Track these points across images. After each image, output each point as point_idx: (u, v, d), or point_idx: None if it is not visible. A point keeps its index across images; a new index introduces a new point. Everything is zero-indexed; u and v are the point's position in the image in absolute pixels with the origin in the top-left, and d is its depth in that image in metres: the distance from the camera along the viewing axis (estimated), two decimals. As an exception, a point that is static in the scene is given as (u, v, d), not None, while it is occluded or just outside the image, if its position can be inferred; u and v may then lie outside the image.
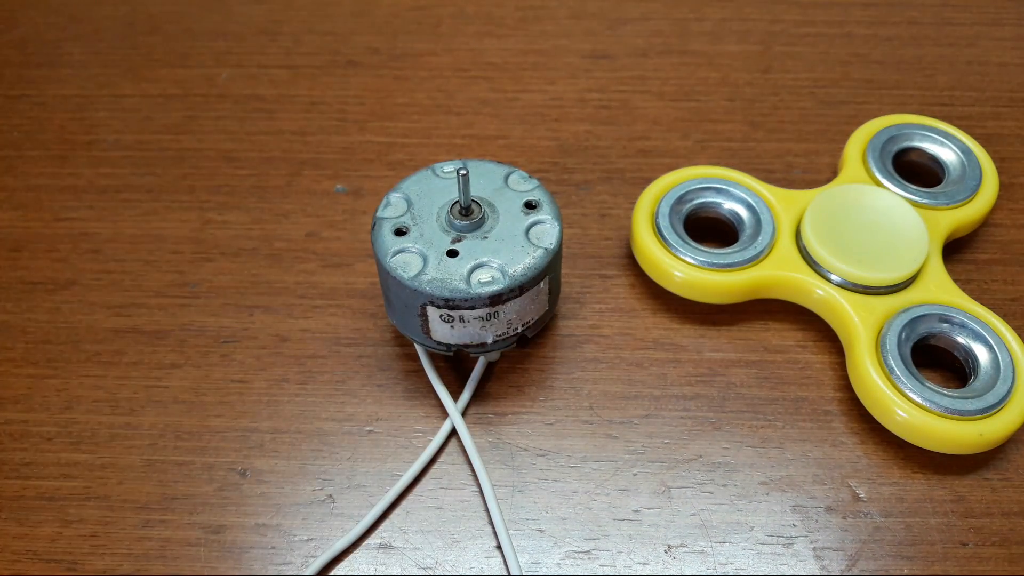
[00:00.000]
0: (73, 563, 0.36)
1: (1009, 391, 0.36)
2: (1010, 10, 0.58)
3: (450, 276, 0.35)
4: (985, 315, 0.39)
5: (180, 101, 0.52)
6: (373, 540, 0.36)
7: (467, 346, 0.37)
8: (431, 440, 0.38)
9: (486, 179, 0.38)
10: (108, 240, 0.46)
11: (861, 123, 0.47)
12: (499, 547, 0.36)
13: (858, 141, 0.46)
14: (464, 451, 0.38)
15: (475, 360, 0.40)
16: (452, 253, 0.36)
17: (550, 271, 0.37)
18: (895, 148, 0.46)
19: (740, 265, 0.40)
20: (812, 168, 0.48)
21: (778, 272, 0.41)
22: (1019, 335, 0.39)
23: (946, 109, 0.51)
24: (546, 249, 0.36)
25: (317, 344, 0.42)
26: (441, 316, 0.36)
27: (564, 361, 0.41)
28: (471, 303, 0.35)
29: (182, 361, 0.41)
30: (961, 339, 0.39)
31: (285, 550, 0.36)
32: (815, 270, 0.41)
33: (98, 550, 0.36)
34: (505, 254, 0.36)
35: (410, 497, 0.37)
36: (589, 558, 0.35)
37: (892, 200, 0.42)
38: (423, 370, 0.40)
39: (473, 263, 0.35)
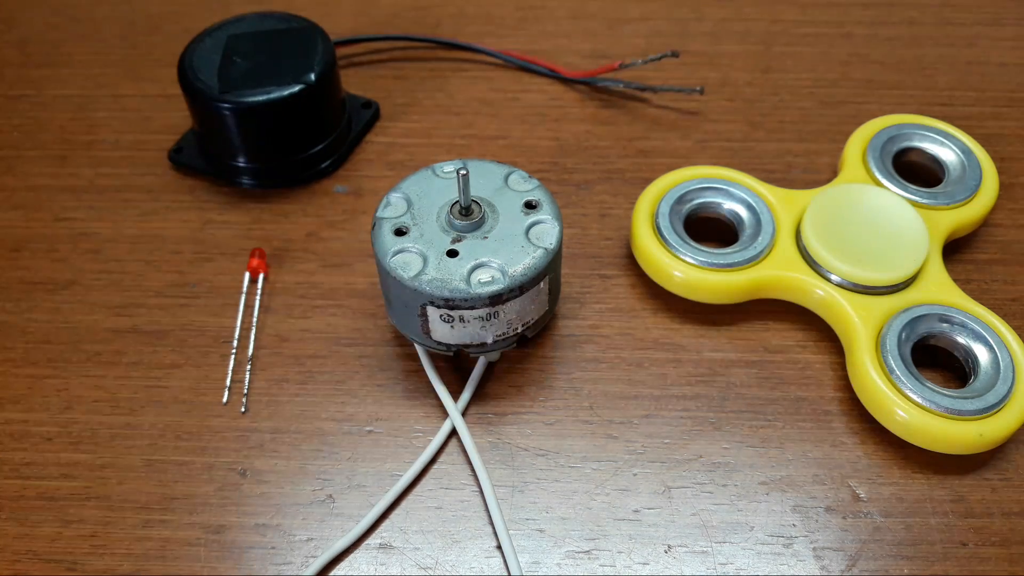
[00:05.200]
0: (73, 563, 0.36)
1: (1009, 391, 0.36)
2: (1010, 10, 0.58)
3: (450, 276, 0.35)
4: (985, 315, 0.39)
5: (180, 101, 0.52)
6: (373, 540, 0.36)
7: (467, 346, 0.37)
8: (431, 440, 0.38)
9: (486, 179, 0.38)
10: (108, 240, 0.46)
11: (861, 123, 0.47)
12: (499, 547, 0.36)
13: (858, 141, 0.46)
14: (464, 451, 0.38)
15: (475, 360, 0.40)
16: (452, 253, 0.36)
17: (550, 271, 0.37)
18: (895, 148, 0.46)
19: (740, 265, 0.40)
20: (812, 168, 0.48)
21: (778, 272, 0.41)
22: (1019, 335, 0.39)
23: (946, 109, 0.51)
24: (546, 249, 0.36)
25: (317, 344, 0.42)
26: (441, 316, 0.36)
27: (564, 361, 0.41)
28: (471, 303, 0.35)
29: (182, 361, 0.41)
30: (961, 339, 0.39)
31: (285, 550, 0.36)
32: (815, 270, 0.41)
33: (98, 550, 0.36)
34: (505, 254, 0.36)
35: (410, 497, 0.37)
36: (589, 558, 0.35)
37: (892, 200, 0.42)
38: (423, 370, 0.40)
39: (473, 263, 0.35)
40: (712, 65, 0.54)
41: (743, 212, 0.43)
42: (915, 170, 0.47)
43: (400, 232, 0.37)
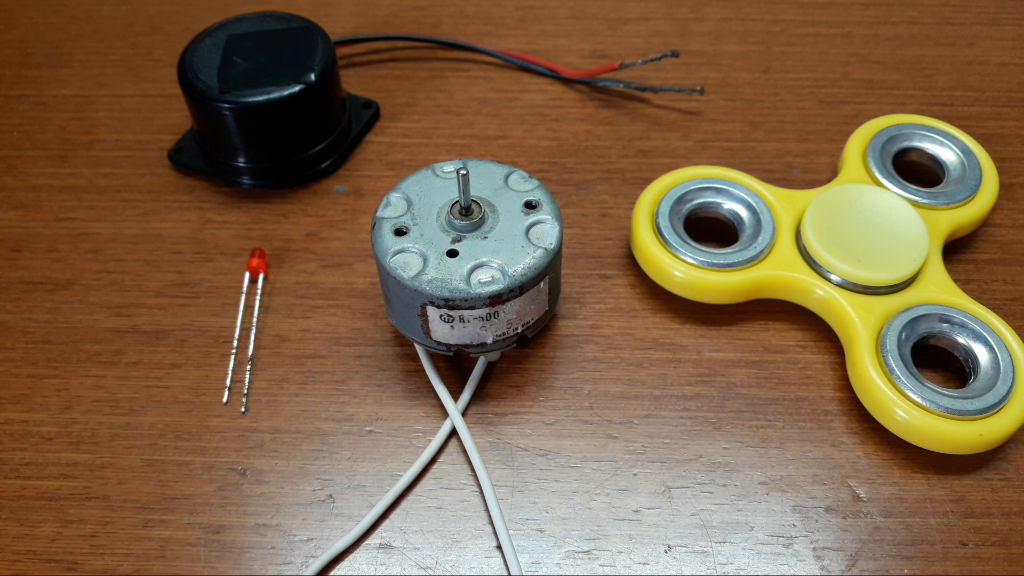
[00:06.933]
0: (73, 563, 0.36)
1: (1009, 391, 0.36)
2: (1010, 10, 0.58)
3: (450, 276, 0.35)
4: (985, 315, 0.39)
5: (180, 101, 0.52)
6: (373, 540, 0.36)
7: (467, 346, 0.37)
8: (431, 440, 0.38)
9: (486, 179, 0.38)
10: (108, 240, 0.46)
11: (861, 123, 0.47)
12: (499, 547, 0.36)
13: (858, 141, 0.46)
14: (464, 451, 0.38)
15: (475, 360, 0.40)
16: (452, 253, 0.36)
17: (550, 271, 0.37)
18: (895, 148, 0.46)
19: (740, 265, 0.40)
20: (812, 168, 0.48)
21: (778, 272, 0.41)
22: (1019, 335, 0.39)
23: (946, 109, 0.51)
24: (546, 249, 0.36)
25: (317, 344, 0.42)
26: (441, 316, 0.36)
27: (564, 361, 0.41)
28: (471, 303, 0.35)
29: (182, 361, 0.41)
30: (961, 339, 0.39)
31: (285, 550, 0.36)
32: (815, 270, 0.41)
33: (98, 550, 0.36)
34: (505, 254, 0.36)
35: (410, 497, 0.37)
36: (589, 558, 0.35)
37: (892, 200, 0.42)
38: (423, 370, 0.40)
39: (473, 263, 0.35)
40: (712, 65, 0.54)
41: (743, 212, 0.43)
42: (915, 170, 0.47)
43: (400, 232, 0.37)
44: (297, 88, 0.44)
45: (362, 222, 0.46)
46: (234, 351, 0.41)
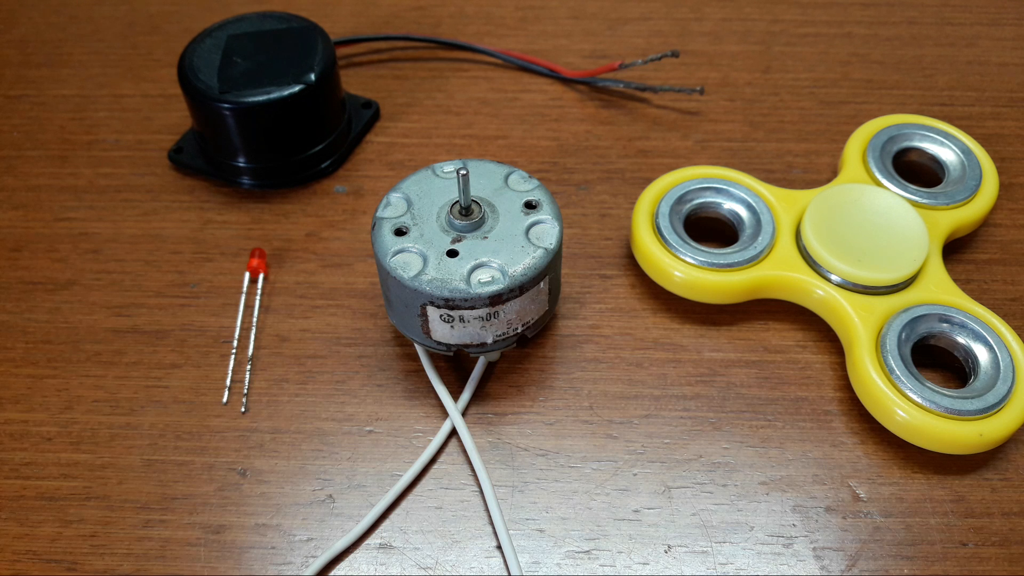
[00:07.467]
0: (73, 563, 0.36)
1: (1009, 391, 0.36)
2: (1010, 10, 0.58)
3: (450, 276, 0.35)
4: (985, 315, 0.39)
5: (180, 101, 0.52)
6: (373, 540, 0.36)
7: (467, 346, 0.37)
8: (431, 440, 0.38)
9: (486, 179, 0.38)
10: (108, 240, 0.46)
11: (861, 123, 0.47)
12: (499, 547, 0.36)
13: (858, 141, 0.46)
14: (464, 451, 0.38)
15: (475, 360, 0.40)
16: (452, 253, 0.36)
17: (550, 271, 0.37)
18: (895, 148, 0.46)
19: (740, 265, 0.40)
20: (812, 168, 0.48)
21: (778, 272, 0.41)
22: (1019, 335, 0.39)
23: (946, 109, 0.51)
24: (546, 249, 0.36)
25: (317, 344, 0.42)
26: (441, 316, 0.36)
27: (564, 361, 0.41)
28: (471, 303, 0.35)
29: (182, 361, 0.41)
30: (961, 339, 0.39)
31: (285, 550, 0.36)
32: (815, 270, 0.41)
33: (98, 550, 0.36)
34: (505, 254, 0.36)
35: (410, 497, 0.37)
36: (589, 558, 0.35)
37: (892, 200, 0.42)
38: (423, 370, 0.40)
39: (473, 263, 0.35)
40: (712, 65, 0.54)
41: (743, 212, 0.43)
42: (915, 170, 0.47)
43: (400, 232, 0.37)
44: (297, 88, 0.44)
45: (362, 222, 0.46)
46: (234, 351, 0.41)
